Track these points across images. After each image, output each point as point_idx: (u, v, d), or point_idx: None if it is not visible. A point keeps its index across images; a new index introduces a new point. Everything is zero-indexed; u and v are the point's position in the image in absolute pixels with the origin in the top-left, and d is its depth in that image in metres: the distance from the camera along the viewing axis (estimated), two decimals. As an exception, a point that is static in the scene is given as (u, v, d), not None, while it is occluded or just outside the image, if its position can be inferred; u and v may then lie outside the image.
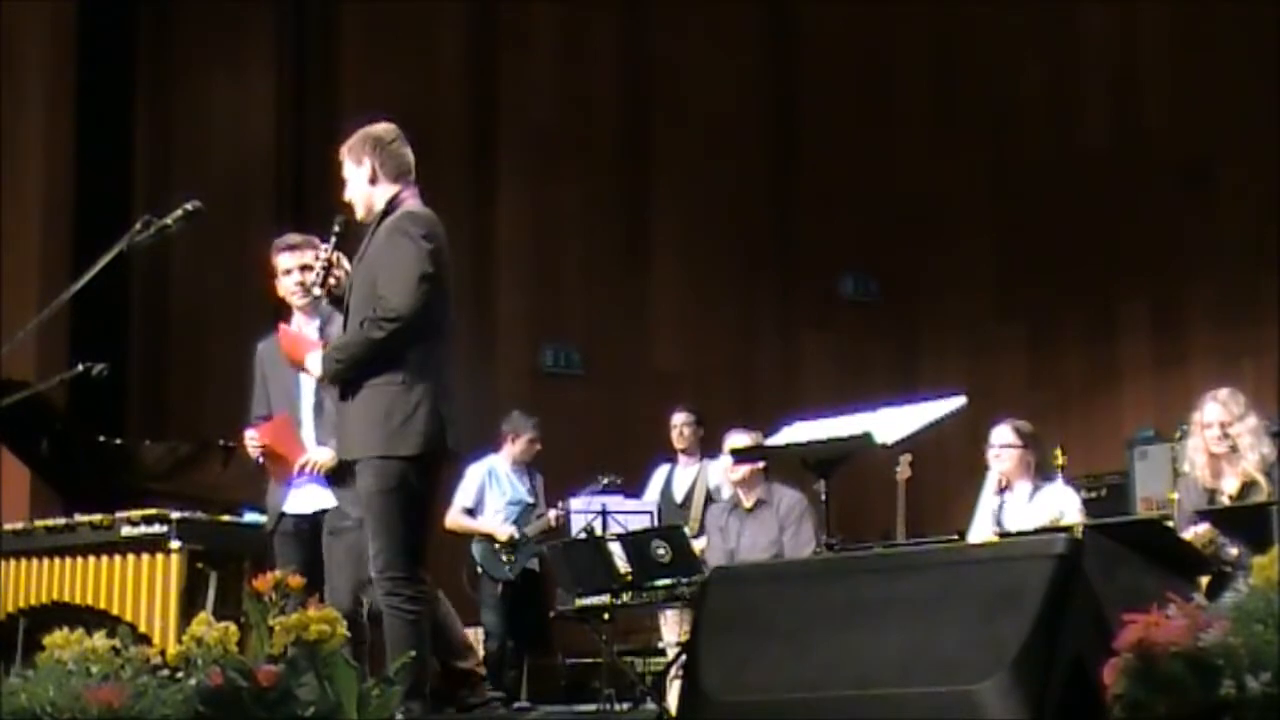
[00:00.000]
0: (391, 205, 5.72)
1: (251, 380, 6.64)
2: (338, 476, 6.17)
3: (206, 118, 12.09)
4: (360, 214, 5.81)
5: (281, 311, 6.71)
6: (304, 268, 6.38)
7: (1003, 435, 7.41)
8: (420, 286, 5.49)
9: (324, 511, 6.28)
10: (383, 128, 5.90)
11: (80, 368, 7.37)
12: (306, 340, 6.12)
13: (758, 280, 13.33)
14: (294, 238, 6.54)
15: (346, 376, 5.61)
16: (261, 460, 6.40)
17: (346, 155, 5.88)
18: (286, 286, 6.48)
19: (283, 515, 6.37)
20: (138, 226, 6.00)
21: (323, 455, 6.23)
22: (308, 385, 6.36)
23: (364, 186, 5.80)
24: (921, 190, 13.00)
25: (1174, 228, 11.69)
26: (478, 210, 11.98)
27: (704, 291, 13.08)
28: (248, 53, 12.26)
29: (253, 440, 6.38)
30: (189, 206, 6.01)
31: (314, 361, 5.81)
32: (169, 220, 5.98)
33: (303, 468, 6.27)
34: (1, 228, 10.76)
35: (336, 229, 5.87)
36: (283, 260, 6.49)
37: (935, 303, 12.98)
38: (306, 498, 6.34)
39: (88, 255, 6.26)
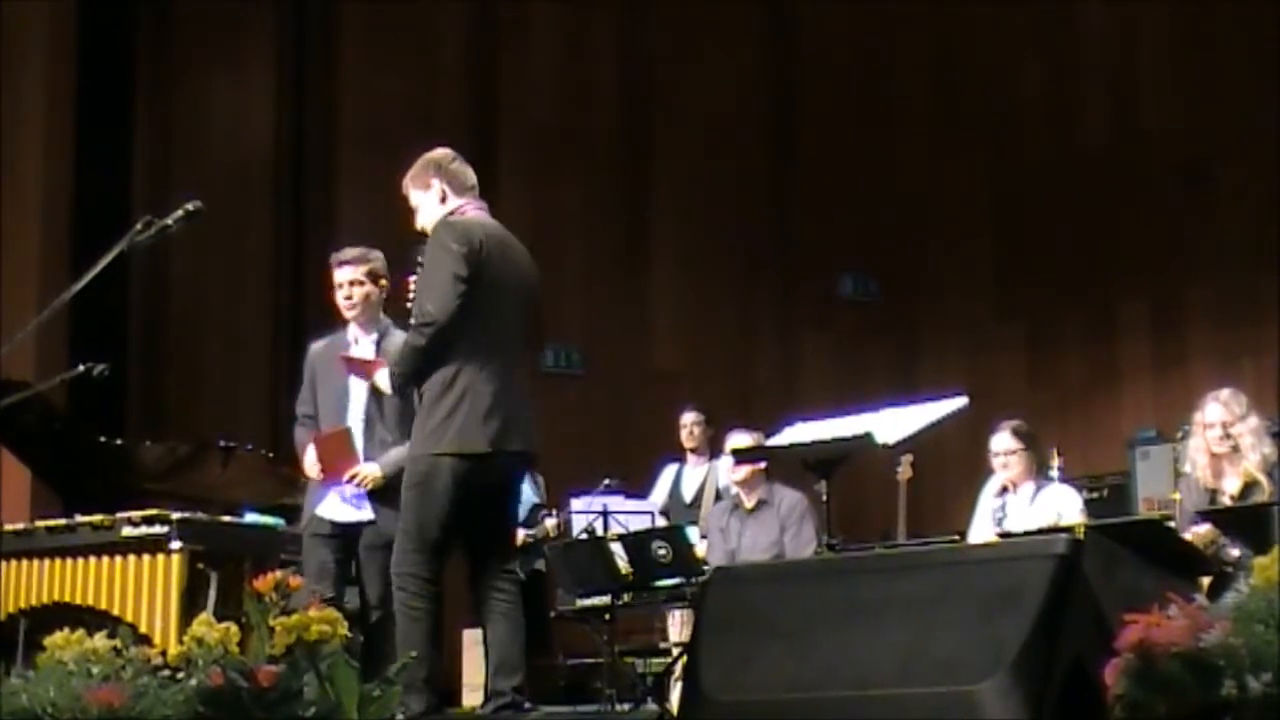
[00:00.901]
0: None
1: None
2: (382, 493, 6.24)
3: (206, 118, 12.10)
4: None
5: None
6: (354, 283, 6.45)
7: (1004, 441, 7.41)
8: (454, 288, 5.59)
9: (358, 524, 6.34)
10: (441, 152, 6.02)
11: (80, 368, 7.36)
12: (368, 362, 6.20)
13: (757, 280, 13.34)
14: (348, 252, 6.57)
15: (408, 386, 5.78)
16: (317, 470, 6.42)
17: (411, 185, 5.98)
18: (340, 300, 6.51)
19: (315, 517, 6.41)
20: (138, 227, 5.99)
21: (372, 470, 6.31)
22: (357, 399, 6.43)
23: (435, 208, 5.91)
24: (921, 190, 13.01)
25: (1174, 227, 11.69)
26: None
27: (704, 292, 13.08)
28: (247, 53, 12.27)
29: (311, 467, 6.42)
30: (189, 207, 6.01)
31: (383, 379, 5.97)
32: (169, 221, 5.97)
33: (352, 478, 6.31)
34: (1, 228, 10.76)
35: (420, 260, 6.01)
36: (336, 275, 6.55)
37: (935, 303, 12.99)
38: (342, 507, 6.39)
39: (87, 255, 6.25)
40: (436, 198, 5.90)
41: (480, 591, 5.80)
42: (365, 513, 6.35)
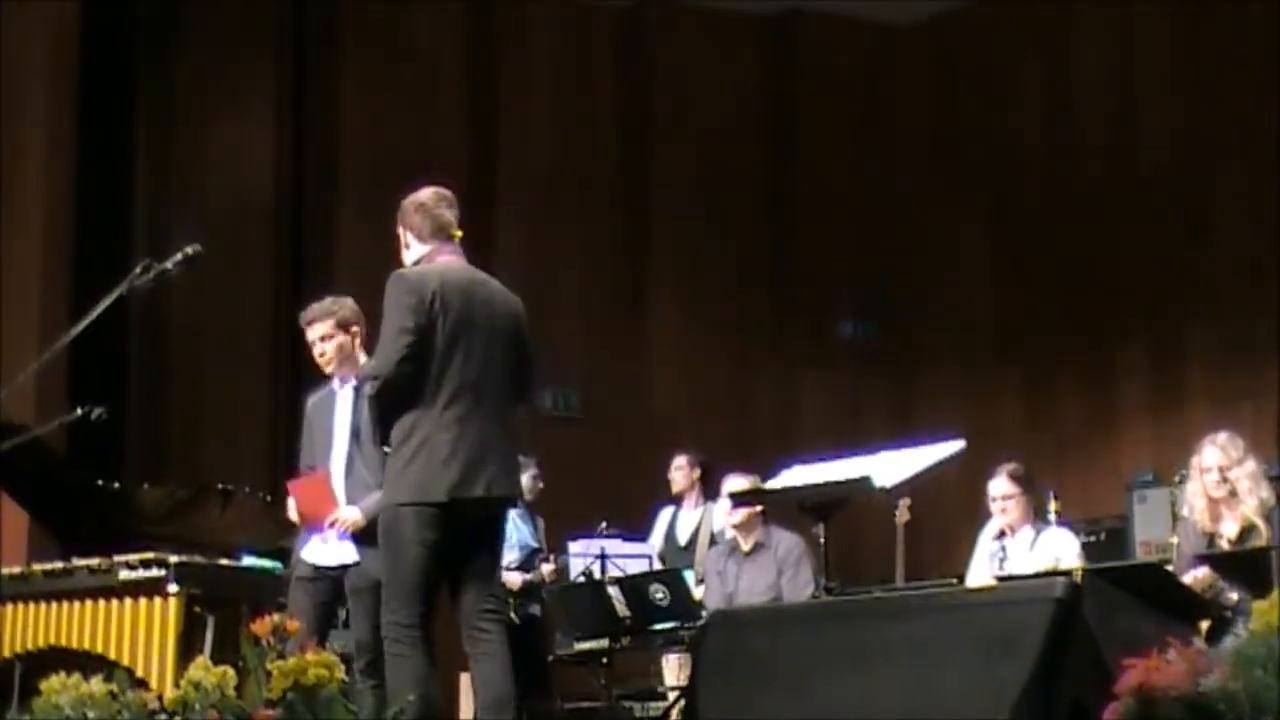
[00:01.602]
0: None
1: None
2: (365, 536, 6.24)
3: (206, 159, 12.12)
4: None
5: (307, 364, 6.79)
6: (324, 338, 6.53)
7: (1001, 486, 7.41)
8: (398, 341, 5.64)
9: (346, 566, 6.35)
10: (413, 197, 6.02)
11: (79, 411, 7.38)
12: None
13: (755, 322, 13.34)
14: (313, 310, 6.62)
15: (384, 439, 5.81)
16: (297, 516, 6.49)
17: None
18: (316, 358, 6.56)
19: (300, 561, 6.44)
20: (137, 270, 6.02)
21: (351, 514, 6.33)
22: (340, 442, 6.47)
23: (405, 254, 5.96)
24: (920, 232, 13.04)
25: (1173, 269, 11.70)
26: (476, 254, 11.98)
27: (702, 333, 13.08)
28: (247, 95, 12.30)
29: (292, 513, 6.51)
30: (188, 251, 6.04)
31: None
32: (169, 264, 6.00)
33: (332, 523, 6.34)
34: (1, 270, 10.78)
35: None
36: (307, 334, 6.61)
37: (933, 345, 12.99)
38: (331, 551, 6.40)
39: (87, 298, 6.27)
40: (404, 245, 5.97)
41: (466, 634, 5.80)
42: (349, 554, 6.34)
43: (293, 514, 6.52)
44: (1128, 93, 12.21)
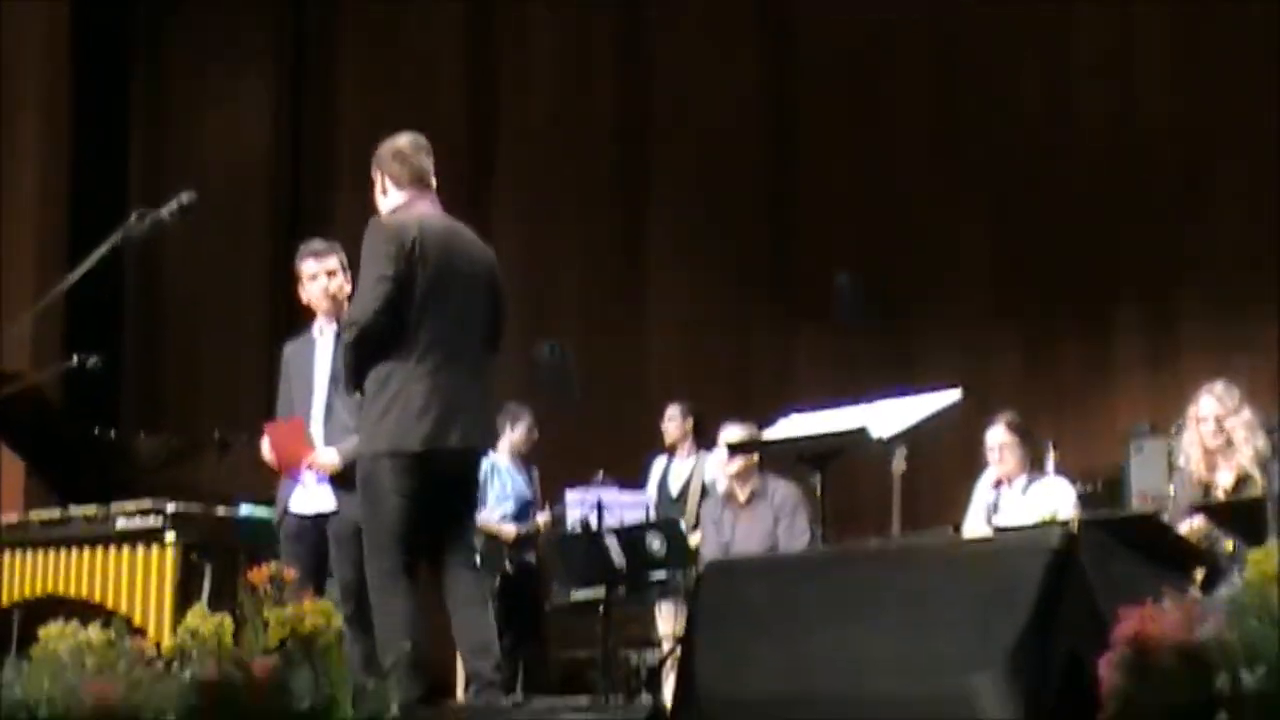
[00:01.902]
0: None
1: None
2: (344, 481, 6.24)
3: (202, 121, 12.09)
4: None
5: (303, 316, 6.75)
6: (330, 273, 6.48)
7: (998, 435, 7.43)
8: (376, 289, 5.63)
9: (326, 515, 6.34)
10: (389, 142, 6.02)
11: (75, 360, 7.38)
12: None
13: (753, 276, 13.32)
14: (318, 244, 6.58)
15: (357, 387, 5.80)
16: (272, 458, 6.45)
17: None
18: (312, 292, 6.53)
19: (287, 513, 6.43)
20: (132, 219, 6.01)
21: (327, 456, 6.32)
22: (320, 387, 6.45)
23: (380, 199, 5.94)
24: (918, 188, 12.99)
25: (1170, 225, 11.68)
26: (474, 221, 11.95)
27: (700, 290, 13.07)
28: (246, 52, 12.26)
29: (266, 455, 6.47)
30: (183, 199, 6.03)
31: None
32: (163, 212, 5.99)
33: (309, 466, 6.33)
34: (-2, 221, 10.78)
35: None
36: (308, 266, 6.54)
37: (930, 299, 12.97)
38: (309, 498, 6.38)
39: (83, 247, 6.26)
40: (379, 189, 5.94)
41: (444, 584, 5.82)
42: (327, 502, 6.33)
43: (267, 456, 6.47)
44: (1127, 49, 12.15)
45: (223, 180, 11.24)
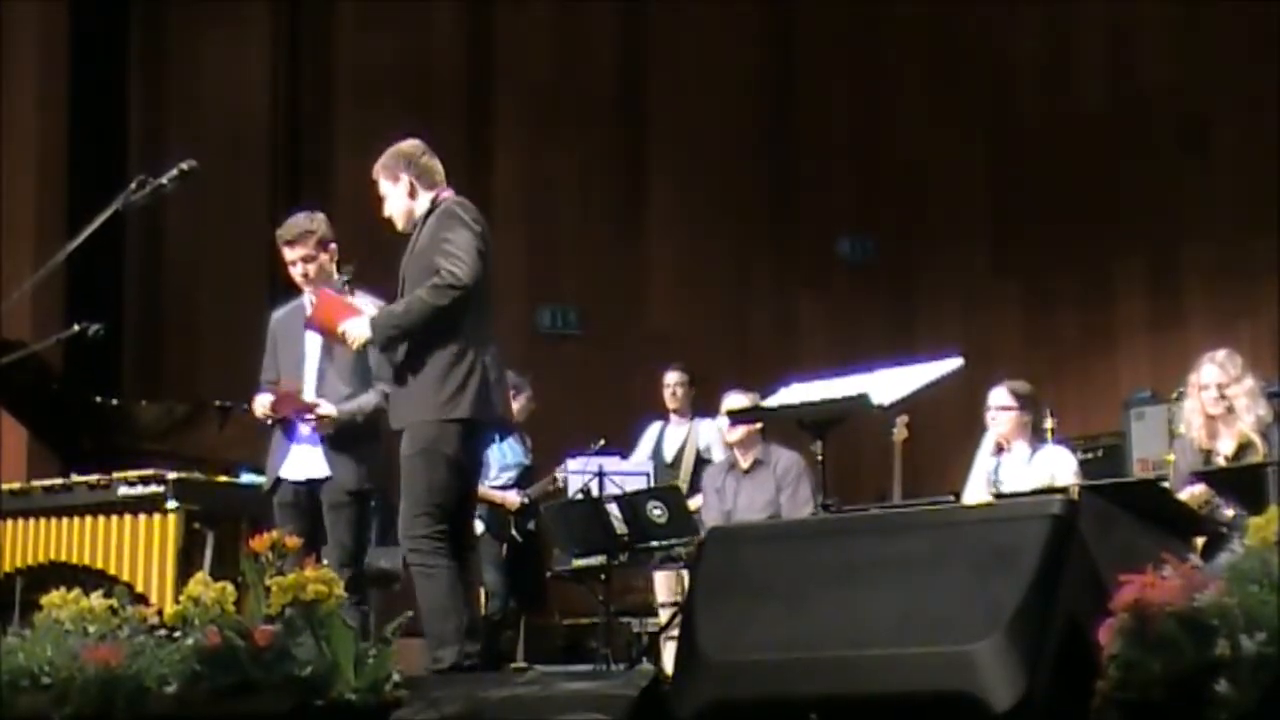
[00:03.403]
0: (434, 206, 6.00)
1: (259, 343, 6.67)
2: (337, 446, 6.25)
3: (201, 77, 12.06)
4: (401, 225, 6.07)
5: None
6: (305, 259, 6.46)
7: (999, 397, 7.42)
8: (477, 262, 5.78)
9: (318, 481, 6.31)
10: (410, 144, 6.13)
11: (76, 328, 7.38)
12: (345, 305, 6.15)
13: (754, 240, 13.32)
14: (290, 229, 6.49)
15: (399, 343, 5.83)
16: (270, 422, 6.41)
17: (381, 174, 6.11)
18: (295, 275, 6.51)
19: (279, 481, 6.39)
20: (133, 186, 6.01)
21: (327, 408, 6.29)
22: (312, 355, 6.42)
23: (404, 201, 6.04)
24: (919, 150, 12.97)
25: (1170, 188, 11.67)
26: (474, 172, 11.96)
27: (700, 252, 13.06)
28: (243, 10, 12.22)
29: (263, 404, 6.40)
30: (183, 166, 6.03)
31: (357, 326, 5.94)
32: (164, 180, 5.99)
33: (312, 412, 6.27)
34: (-3, 188, 10.76)
35: (346, 279, 6.33)
36: (285, 253, 6.52)
37: (932, 263, 12.97)
38: (300, 464, 6.35)
39: (83, 216, 6.26)
40: (405, 191, 6.02)
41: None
42: (319, 467, 6.30)
43: (259, 408, 6.40)
44: (1127, 7, 12.13)
45: (222, 144, 11.21)
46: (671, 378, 9.44)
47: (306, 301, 6.43)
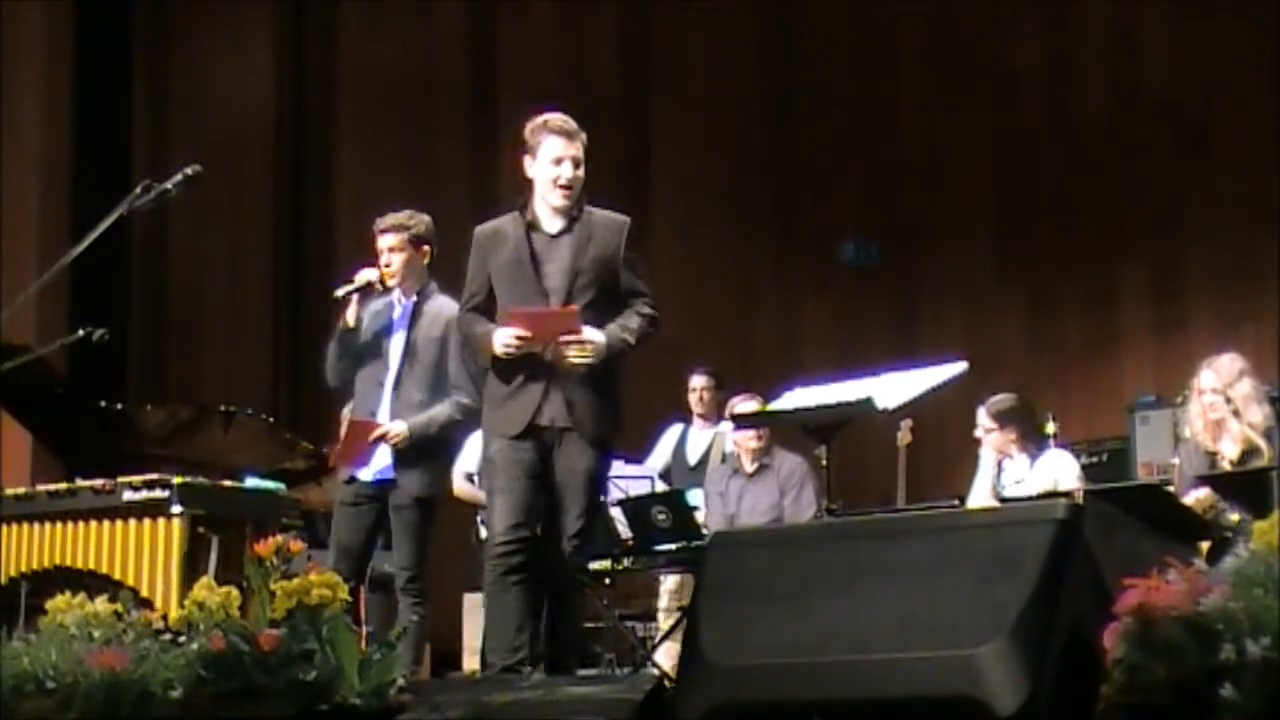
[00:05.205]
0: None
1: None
2: (404, 455, 6.36)
3: (205, 80, 12.07)
4: (575, 197, 6.40)
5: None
6: (392, 250, 6.56)
7: (980, 419, 7.47)
8: None
9: (385, 483, 6.42)
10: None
11: (80, 332, 7.38)
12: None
13: (757, 245, 13.31)
14: (387, 220, 6.62)
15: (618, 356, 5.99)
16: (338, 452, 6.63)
17: (582, 144, 6.38)
18: (381, 266, 6.60)
19: (352, 479, 6.52)
20: (137, 191, 6.00)
21: (399, 427, 6.38)
22: (394, 358, 6.51)
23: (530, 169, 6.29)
24: (922, 154, 12.97)
25: (1174, 191, 11.66)
26: (476, 176, 11.97)
27: (704, 256, 13.05)
28: (247, 14, 12.23)
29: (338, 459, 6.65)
30: (188, 171, 6.02)
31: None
32: (168, 185, 5.99)
33: (380, 438, 6.37)
34: (1, 192, 10.75)
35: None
36: (377, 241, 6.62)
37: (935, 267, 12.96)
38: (373, 462, 6.49)
39: (87, 219, 6.26)
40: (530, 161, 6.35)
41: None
42: (384, 460, 6.44)
43: (335, 458, 6.65)
44: (1130, 12, 12.13)
45: (226, 148, 11.22)
46: (698, 381, 9.38)
47: (394, 298, 6.56)
